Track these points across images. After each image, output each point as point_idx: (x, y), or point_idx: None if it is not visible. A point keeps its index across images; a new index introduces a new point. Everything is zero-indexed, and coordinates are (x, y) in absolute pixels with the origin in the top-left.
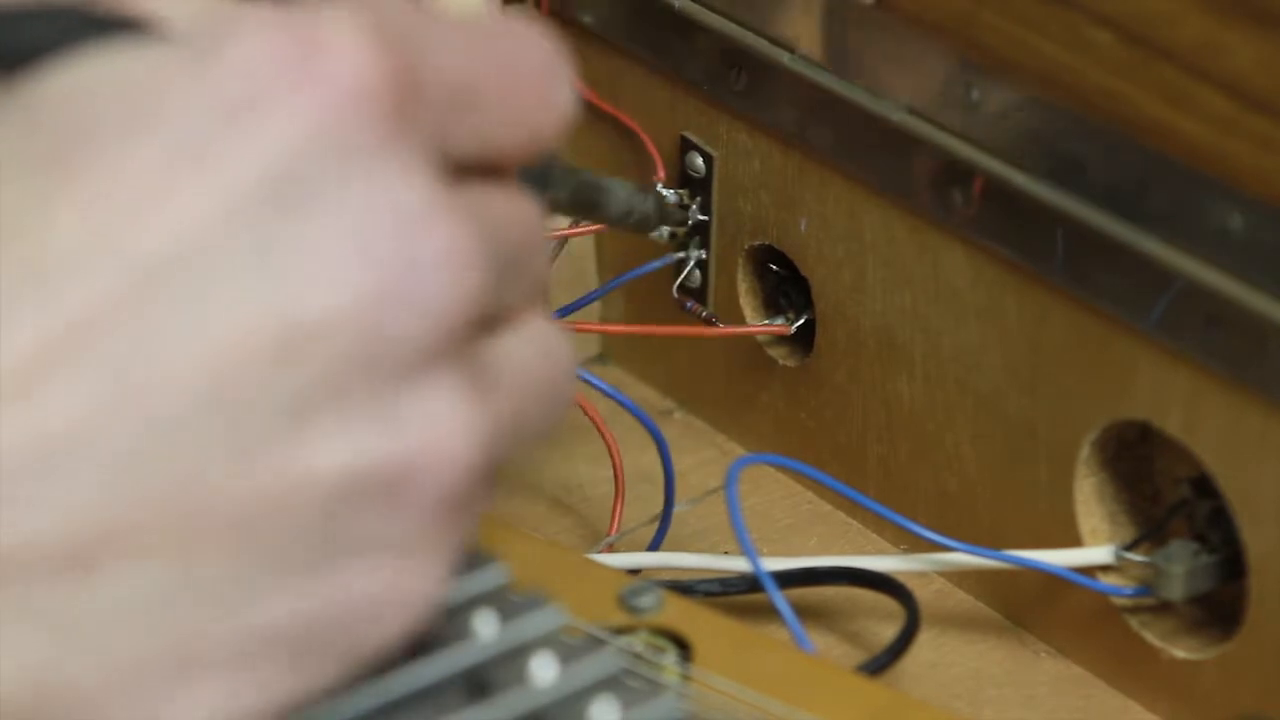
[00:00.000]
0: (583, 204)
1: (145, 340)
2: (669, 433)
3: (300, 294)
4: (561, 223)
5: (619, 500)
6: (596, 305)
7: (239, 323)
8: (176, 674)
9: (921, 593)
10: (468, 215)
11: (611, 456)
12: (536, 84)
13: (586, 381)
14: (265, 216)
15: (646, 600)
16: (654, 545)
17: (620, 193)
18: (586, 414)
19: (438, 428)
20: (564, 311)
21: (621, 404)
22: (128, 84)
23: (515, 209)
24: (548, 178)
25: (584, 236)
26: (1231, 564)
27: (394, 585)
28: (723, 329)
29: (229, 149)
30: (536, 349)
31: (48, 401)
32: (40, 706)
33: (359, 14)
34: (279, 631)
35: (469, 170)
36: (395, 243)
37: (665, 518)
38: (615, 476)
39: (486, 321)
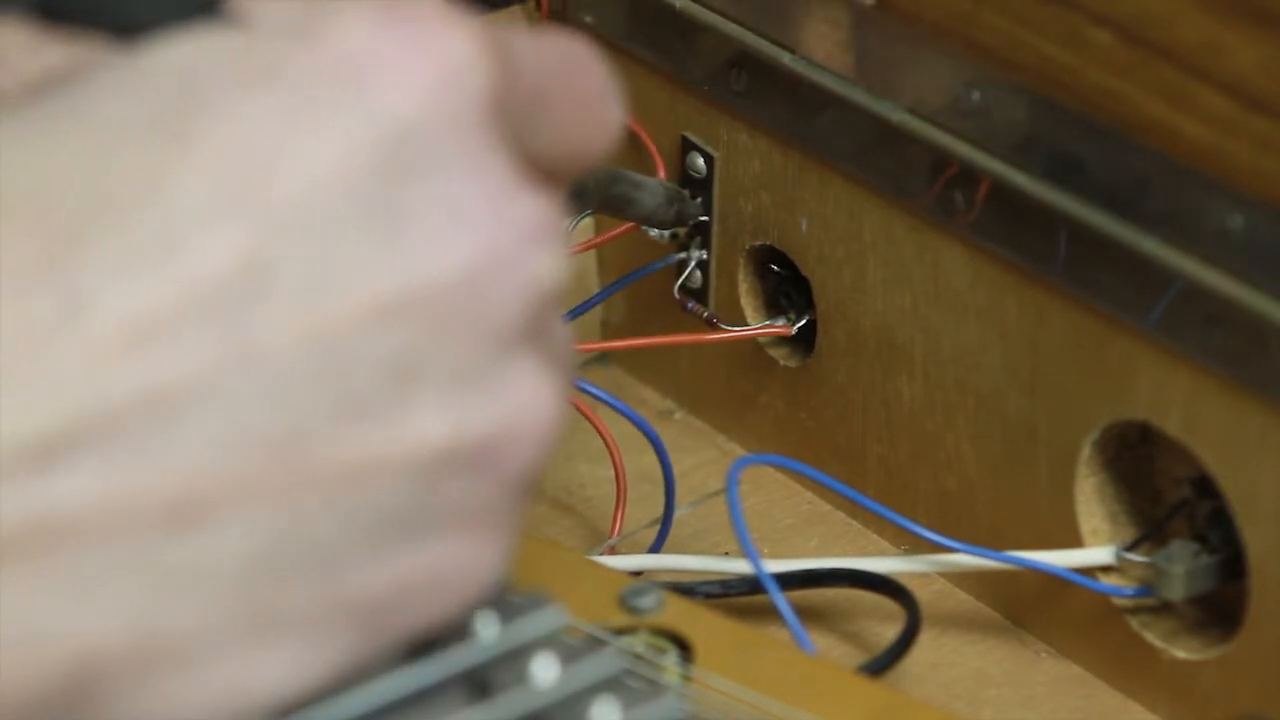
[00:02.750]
0: (610, 208)
1: (260, 300)
2: (669, 433)
3: (414, 257)
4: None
5: (620, 503)
6: (598, 308)
7: (354, 283)
8: (264, 632)
9: (922, 593)
10: (548, 198)
11: (613, 458)
12: (594, 101)
13: (585, 391)
14: (380, 179)
15: (647, 601)
16: (654, 549)
17: (649, 201)
18: (586, 417)
19: (529, 401)
20: (567, 317)
21: (621, 412)
22: (240, 53)
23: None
24: (584, 181)
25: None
26: (1231, 564)
27: (469, 557)
28: (725, 333)
29: (348, 111)
30: (566, 334)
31: (166, 357)
32: (132, 656)
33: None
34: (364, 597)
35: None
36: (500, 215)
37: (665, 522)
38: (617, 478)
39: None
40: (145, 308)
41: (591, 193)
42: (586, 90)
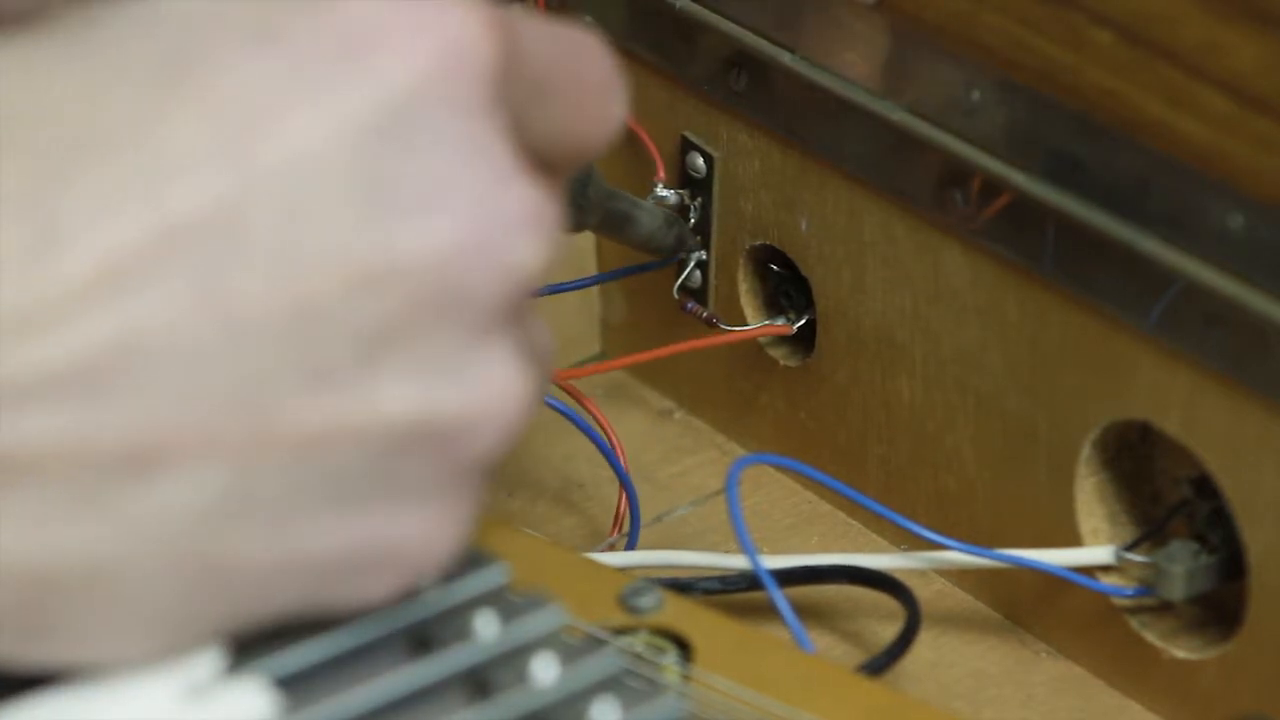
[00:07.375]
0: (611, 225)
1: (239, 254)
2: (669, 432)
3: (397, 231)
4: None
5: (621, 501)
6: (596, 307)
7: (332, 249)
8: (210, 578)
9: (921, 592)
10: (542, 187)
11: (614, 458)
12: (597, 93)
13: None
14: (372, 150)
15: (647, 600)
16: (630, 545)
17: (649, 222)
18: (590, 413)
19: (499, 387)
20: (558, 289)
21: (575, 422)
22: (253, 9)
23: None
24: (586, 193)
25: (585, 233)
26: (1231, 564)
27: (422, 532)
28: (725, 334)
29: (347, 79)
30: (544, 330)
31: (139, 300)
32: (83, 585)
33: None
34: (311, 558)
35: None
36: (490, 197)
37: (634, 514)
38: (618, 477)
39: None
40: (122, 245)
41: (593, 205)
42: (590, 82)
